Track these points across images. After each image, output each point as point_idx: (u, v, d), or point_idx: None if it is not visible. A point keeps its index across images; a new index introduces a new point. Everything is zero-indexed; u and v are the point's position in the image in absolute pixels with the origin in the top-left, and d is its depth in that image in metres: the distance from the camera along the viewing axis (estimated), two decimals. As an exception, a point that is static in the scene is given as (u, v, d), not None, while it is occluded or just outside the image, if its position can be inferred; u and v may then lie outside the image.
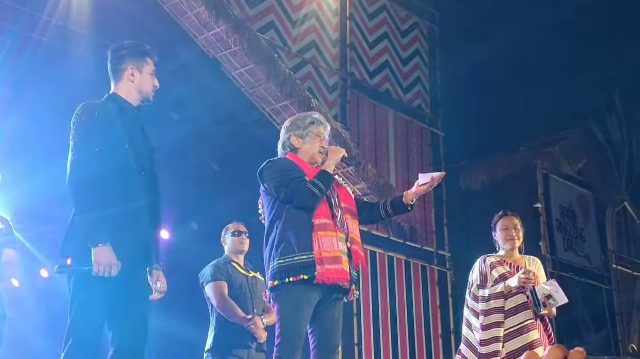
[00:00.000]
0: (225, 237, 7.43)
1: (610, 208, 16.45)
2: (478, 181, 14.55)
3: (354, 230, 5.27)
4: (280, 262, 5.06)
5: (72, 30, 9.19)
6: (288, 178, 5.11)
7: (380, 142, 12.82)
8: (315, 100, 11.00)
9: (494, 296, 6.71)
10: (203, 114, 10.31)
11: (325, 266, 4.97)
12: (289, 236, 5.08)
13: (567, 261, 14.86)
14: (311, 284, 4.98)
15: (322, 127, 5.49)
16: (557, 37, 14.36)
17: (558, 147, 14.92)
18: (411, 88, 13.80)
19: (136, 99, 4.81)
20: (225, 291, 7.04)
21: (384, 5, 13.64)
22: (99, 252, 4.32)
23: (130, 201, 4.54)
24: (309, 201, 5.06)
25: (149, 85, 4.80)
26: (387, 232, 12.54)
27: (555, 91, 14.44)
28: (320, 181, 5.10)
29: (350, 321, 11.18)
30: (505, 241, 6.96)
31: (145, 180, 4.70)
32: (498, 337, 6.58)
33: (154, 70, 4.85)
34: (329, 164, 5.27)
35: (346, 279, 5.07)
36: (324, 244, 5.02)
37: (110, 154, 4.53)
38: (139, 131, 4.80)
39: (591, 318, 15.00)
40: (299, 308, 5.03)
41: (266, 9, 11.34)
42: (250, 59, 10.34)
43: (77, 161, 4.47)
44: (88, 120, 4.54)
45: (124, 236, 4.47)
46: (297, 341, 5.01)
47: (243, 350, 6.96)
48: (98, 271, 4.30)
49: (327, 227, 5.09)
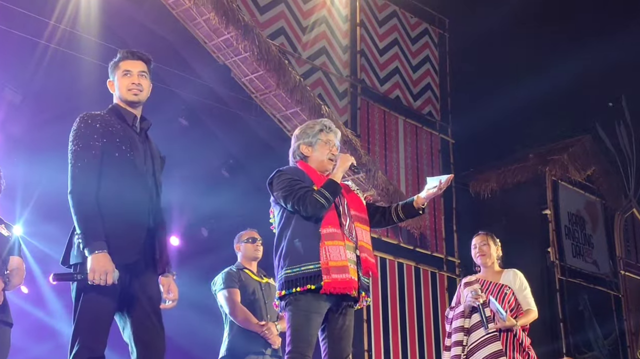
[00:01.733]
0: (239, 244, 7.37)
1: (619, 214, 16.45)
2: (487, 188, 14.56)
3: (363, 237, 5.22)
4: (288, 272, 5.03)
5: (80, 36, 9.18)
6: (295, 188, 5.08)
7: (390, 149, 12.81)
8: (325, 106, 10.97)
9: (455, 316, 6.93)
10: (212, 121, 10.33)
11: (331, 276, 4.94)
12: (297, 245, 5.05)
13: (575, 267, 14.85)
14: (319, 294, 4.97)
15: (332, 134, 5.44)
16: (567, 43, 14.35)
17: (567, 154, 14.95)
18: (421, 95, 13.80)
19: (126, 105, 4.76)
20: (237, 298, 7.00)
21: (394, 11, 13.65)
22: (94, 260, 4.23)
23: (132, 208, 4.50)
24: (315, 211, 5.03)
25: (123, 87, 4.71)
26: (397, 239, 12.53)
27: (564, 98, 14.43)
28: (326, 190, 5.07)
29: (360, 327, 11.17)
30: (474, 258, 7.19)
31: (146, 187, 4.66)
32: (456, 356, 6.75)
33: (126, 69, 4.74)
34: (337, 172, 5.22)
35: (354, 287, 5.03)
36: (330, 254, 4.98)
37: (109, 161, 4.49)
38: (141, 139, 4.75)
39: (599, 323, 14.98)
40: (308, 316, 5.00)
41: (276, 15, 11.34)
42: (260, 65, 10.32)
43: (76, 169, 4.41)
44: (86, 128, 4.50)
45: (124, 243, 4.43)
46: (307, 349, 4.98)
47: (257, 356, 6.92)
48: (93, 278, 4.24)
49: (334, 237, 5.04)
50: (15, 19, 8.57)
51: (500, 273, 7.11)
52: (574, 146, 15.21)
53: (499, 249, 7.21)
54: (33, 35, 8.79)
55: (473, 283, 6.98)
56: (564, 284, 14.31)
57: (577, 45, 14.09)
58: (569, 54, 14.23)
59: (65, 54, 9.00)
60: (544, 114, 14.67)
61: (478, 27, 13.75)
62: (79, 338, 4.33)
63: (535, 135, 14.82)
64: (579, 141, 15.39)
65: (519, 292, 6.96)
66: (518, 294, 6.93)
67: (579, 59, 13.83)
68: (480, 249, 7.12)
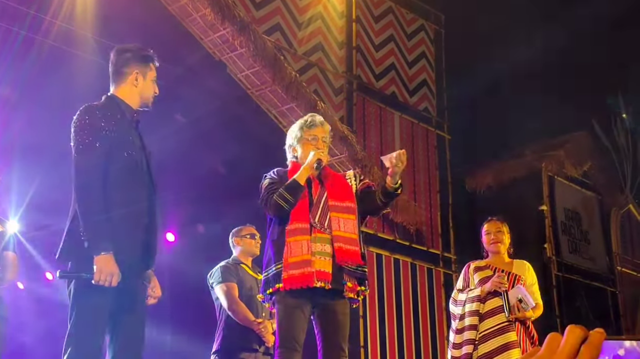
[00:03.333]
0: (239, 239, 7.37)
1: (615, 210, 16.45)
2: (484, 184, 14.58)
3: (340, 227, 5.21)
4: (265, 275, 5.25)
5: (75, 32, 9.17)
6: (267, 192, 5.17)
7: (386, 145, 12.80)
8: (321, 102, 10.99)
9: (469, 299, 6.84)
10: (209, 116, 10.30)
11: (289, 272, 5.03)
12: (269, 247, 5.24)
13: (571, 263, 14.86)
14: (291, 291, 5.03)
15: (315, 128, 5.44)
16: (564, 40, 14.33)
17: (563, 150, 14.98)
18: (417, 91, 13.80)
19: (137, 103, 4.75)
20: (235, 293, 7.00)
21: (390, 7, 13.64)
22: (101, 261, 4.22)
23: (131, 203, 4.50)
24: (276, 212, 5.16)
25: (150, 91, 4.78)
26: (392, 235, 12.54)
27: (560, 94, 14.43)
28: (286, 191, 5.12)
29: (357, 323, 11.16)
30: (487, 244, 7.07)
31: (144, 183, 4.66)
32: (470, 339, 6.68)
33: (155, 77, 4.82)
34: (301, 171, 5.23)
35: (321, 279, 5.06)
36: (292, 250, 5.07)
37: (113, 155, 4.47)
38: (136, 134, 4.75)
39: (596, 319, 14.98)
40: (288, 311, 5.10)
41: (272, 11, 11.33)
42: (256, 61, 10.33)
43: (82, 162, 4.39)
44: (91, 120, 4.48)
45: (124, 242, 4.41)
46: (293, 344, 5.07)
47: (250, 353, 6.93)
48: (99, 279, 4.22)
49: (297, 232, 5.11)
50: (10, 14, 8.56)
51: (510, 263, 7.05)
52: (570, 142, 15.24)
53: (509, 237, 7.16)
54: (29, 31, 8.78)
55: (484, 269, 6.94)
56: (560, 281, 14.32)
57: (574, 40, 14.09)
58: (566, 49, 14.26)
59: (61, 50, 9.00)
60: (540, 110, 14.66)
61: (474, 23, 13.75)
62: (74, 340, 4.31)
63: (532, 131, 14.82)
64: (575, 137, 15.42)
65: (529, 286, 6.91)
66: (528, 288, 6.87)
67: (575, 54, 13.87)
68: (495, 236, 7.00)
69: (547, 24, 14.18)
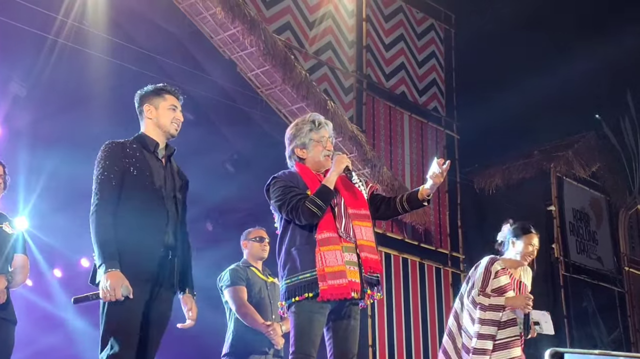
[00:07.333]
0: (247, 242, 7.36)
1: (623, 211, 16.46)
2: (492, 184, 14.60)
3: (362, 235, 5.15)
4: (287, 282, 5.05)
5: (87, 31, 9.19)
6: (288, 196, 5.05)
7: (395, 144, 12.82)
8: (330, 102, 10.98)
9: (493, 306, 6.76)
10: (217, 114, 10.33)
11: (327, 282, 4.91)
12: (294, 254, 5.06)
13: (579, 263, 14.88)
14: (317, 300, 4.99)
15: (323, 129, 5.36)
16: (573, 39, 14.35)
17: (571, 151, 14.99)
18: (426, 90, 13.81)
19: (158, 134, 4.90)
20: (244, 296, 7.00)
21: (400, 7, 13.64)
22: (104, 279, 4.39)
23: (148, 225, 4.64)
24: (308, 219, 4.99)
25: (167, 118, 4.88)
26: (401, 234, 12.55)
27: (569, 94, 14.43)
28: (318, 197, 5.00)
29: (365, 323, 11.18)
30: (524, 256, 6.91)
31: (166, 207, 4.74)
32: (487, 350, 6.65)
33: (173, 104, 4.91)
34: (330, 176, 5.12)
35: (354, 290, 5.01)
36: (326, 260, 4.95)
37: (129, 182, 4.66)
38: (161, 165, 4.85)
39: (603, 320, 14.99)
40: (311, 316, 4.98)
41: (282, 10, 11.34)
42: (266, 60, 10.32)
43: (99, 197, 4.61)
44: (109, 156, 4.70)
45: (138, 258, 4.56)
46: (310, 349, 4.97)
47: (260, 356, 6.93)
48: (104, 296, 4.40)
49: (329, 241, 5.01)
50: (22, 13, 8.59)
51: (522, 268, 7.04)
52: (578, 143, 15.25)
53: None
54: (40, 30, 8.81)
55: (503, 274, 6.83)
56: (568, 281, 14.34)
57: (582, 41, 14.09)
58: (575, 50, 14.25)
59: (73, 49, 9.02)
60: (549, 110, 14.66)
61: (484, 23, 13.75)
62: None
63: (540, 131, 14.82)
64: (583, 138, 15.44)
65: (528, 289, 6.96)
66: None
67: (584, 55, 13.84)
68: (535, 251, 6.94)
69: (556, 21, 14.19)
